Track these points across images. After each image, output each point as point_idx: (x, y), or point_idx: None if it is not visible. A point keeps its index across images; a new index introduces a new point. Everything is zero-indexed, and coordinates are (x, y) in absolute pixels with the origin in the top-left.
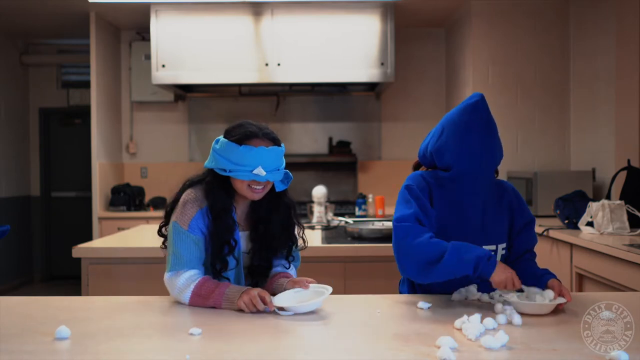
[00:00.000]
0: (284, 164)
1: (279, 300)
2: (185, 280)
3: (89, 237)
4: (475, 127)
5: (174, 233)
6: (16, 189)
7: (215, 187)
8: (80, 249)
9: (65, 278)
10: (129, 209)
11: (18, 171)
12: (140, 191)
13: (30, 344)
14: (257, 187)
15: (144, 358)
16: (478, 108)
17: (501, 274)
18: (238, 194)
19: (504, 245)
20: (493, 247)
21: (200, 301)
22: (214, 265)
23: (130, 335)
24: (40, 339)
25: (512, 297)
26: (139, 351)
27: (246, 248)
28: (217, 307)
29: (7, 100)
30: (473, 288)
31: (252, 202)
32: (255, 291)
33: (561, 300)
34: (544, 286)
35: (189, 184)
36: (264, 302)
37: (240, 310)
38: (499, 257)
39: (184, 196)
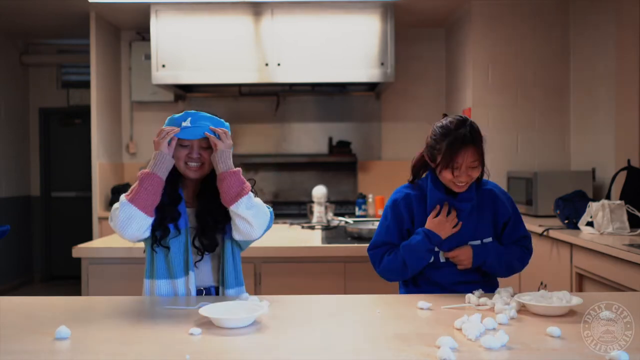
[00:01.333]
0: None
1: (208, 310)
2: (121, 201)
3: (89, 237)
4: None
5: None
6: (16, 189)
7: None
8: (80, 249)
9: (65, 278)
10: None
11: (18, 171)
12: None
13: (30, 344)
14: (192, 164)
15: (144, 358)
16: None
17: (440, 225)
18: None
19: (489, 238)
20: (478, 242)
21: (133, 196)
22: (154, 231)
23: (130, 335)
24: (40, 339)
25: (528, 299)
26: (139, 351)
27: (193, 224)
28: (151, 180)
29: (7, 100)
30: (475, 298)
31: (200, 182)
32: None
33: (578, 301)
34: None
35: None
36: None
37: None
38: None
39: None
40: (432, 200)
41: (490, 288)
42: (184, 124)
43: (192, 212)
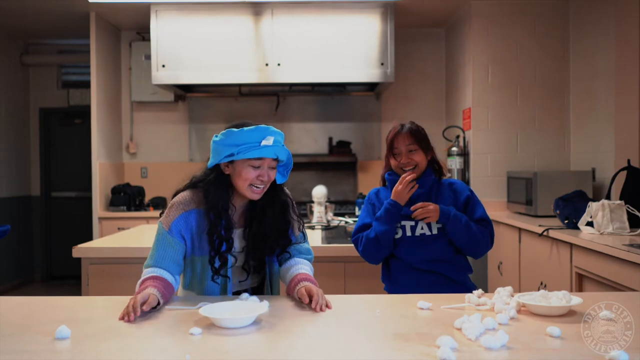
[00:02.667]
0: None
1: (208, 310)
2: (142, 277)
3: (89, 237)
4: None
5: (157, 231)
6: (16, 189)
7: (217, 185)
8: (81, 249)
9: (65, 278)
10: (129, 209)
11: (18, 171)
12: (140, 191)
13: (30, 344)
14: (258, 187)
15: (144, 358)
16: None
17: (397, 193)
18: (236, 192)
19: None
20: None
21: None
22: (213, 263)
23: (130, 335)
24: (40, 339)
25: (527, 298)
26: (139, 351)
27: (239, 246)
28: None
29: (7, 100)
30: (475, 298)
31: (249, 200)
32: (132, 302)
33: (578, 301)
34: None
35: (191, 184)
36: (135, 311)
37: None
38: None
39: (175, 198)
40: (391, 183)
41: (459, 269)
42: (264, 142)
43: (238, 233)
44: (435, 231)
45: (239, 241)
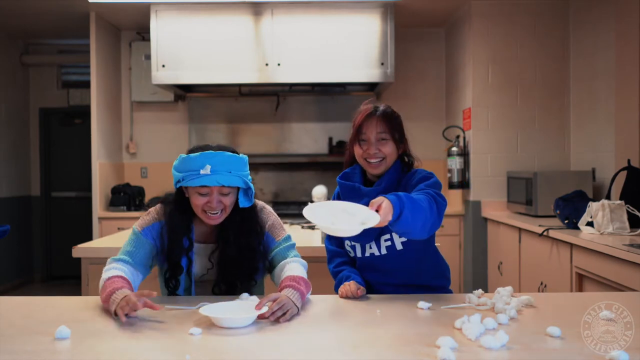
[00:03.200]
0: (244, 173)
1: (208, 310)
2: (105, 272)
3: (89, 237)
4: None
5: (130, 233)
6: (16, 189)
7: (174, 207)
8: (80, 249)
9: (65, 278)
10: (129, 209)
11: (18, 171)
12: (140, 191)
13: (30, 344)
14: (212, 214)
15: (144, 358)
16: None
17: (343, 288)
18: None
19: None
20: (388, 236)
21: (101, 296)
22: (168, 285)
23: (130, 335)
24: (40, 339)
25: (321, 223)
26: (139, 351)
27: (203, 265)
28: (107, 307)
29: (7, 100)
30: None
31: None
32: (127, 299)
33: (363, 226)
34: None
35: (160, 200)
36: (133, 308)
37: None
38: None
39: (151, 208)
40: (343, 190)
41: (419, 291)
42: (202, 171)
43: (209, 248)
44: (384, 251)
45: (203, 259)
